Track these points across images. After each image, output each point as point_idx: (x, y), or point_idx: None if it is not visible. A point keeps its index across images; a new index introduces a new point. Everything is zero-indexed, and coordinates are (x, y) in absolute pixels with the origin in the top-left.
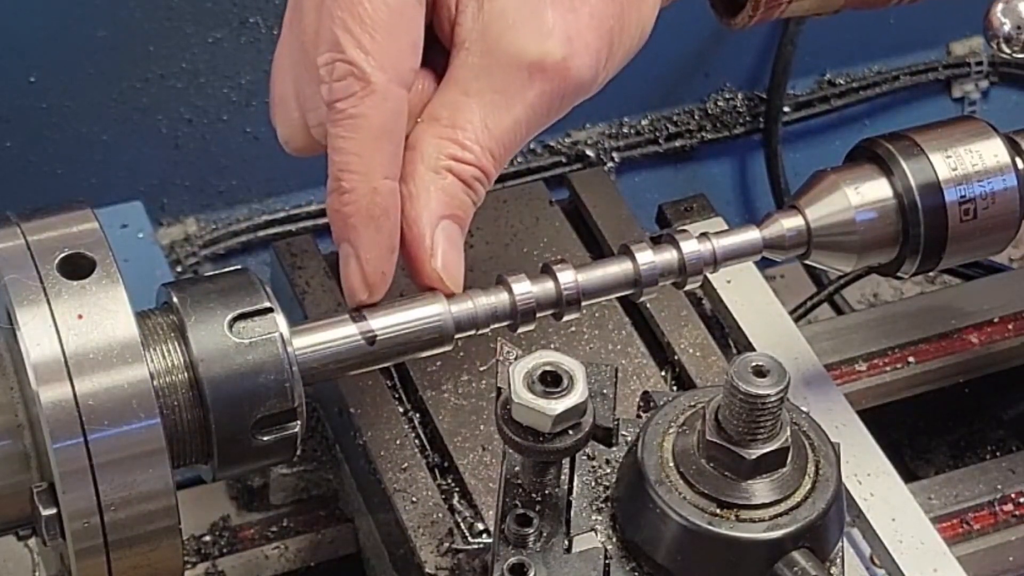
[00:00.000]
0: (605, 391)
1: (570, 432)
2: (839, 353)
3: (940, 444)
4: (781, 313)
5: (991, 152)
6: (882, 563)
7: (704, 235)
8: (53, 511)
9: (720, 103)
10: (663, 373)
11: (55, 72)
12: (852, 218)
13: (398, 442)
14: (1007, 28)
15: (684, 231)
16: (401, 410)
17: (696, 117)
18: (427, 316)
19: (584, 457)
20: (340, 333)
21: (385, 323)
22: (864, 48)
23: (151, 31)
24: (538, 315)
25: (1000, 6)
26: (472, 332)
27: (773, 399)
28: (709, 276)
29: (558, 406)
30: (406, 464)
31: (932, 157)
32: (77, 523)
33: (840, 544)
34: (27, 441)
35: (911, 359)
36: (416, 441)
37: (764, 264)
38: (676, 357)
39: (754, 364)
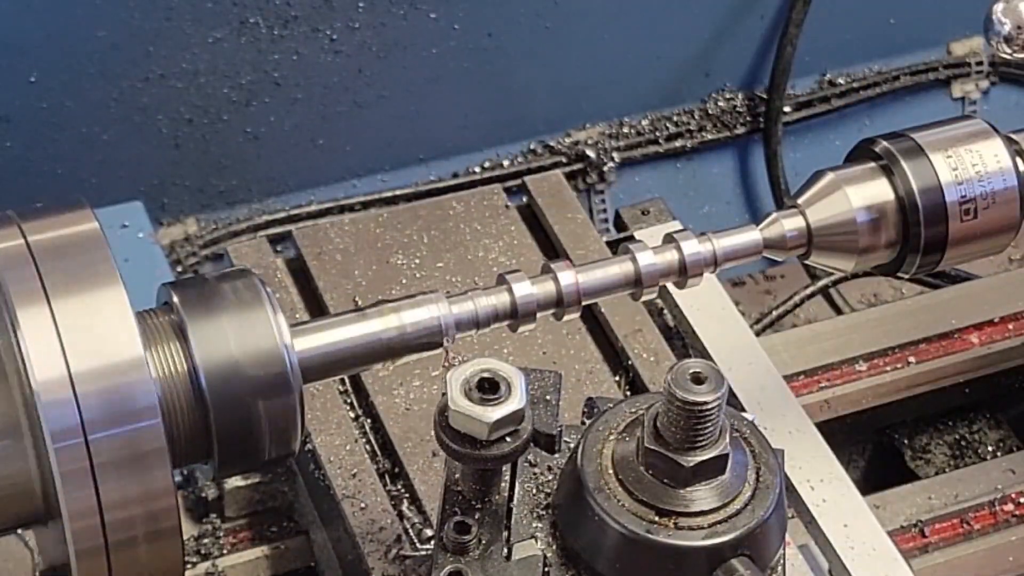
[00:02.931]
0: (548, 397)
1: (508, 439)
2: (839, 353)
3: (940, 444)
4: (740, 323)
5: (991, 152)
6: (834, 569)
7: (704, 235)
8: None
9: (720, 103)
10: (616, 378)
11: (55, 72)
12: (853, 218)
13: (348, 448)
14: (1007, 28)
15: (684, 230)
16: (352, 415)
17: (696, 117)
18: (428, 316)
19: (526, 464)
20: (340, 333)
21: (386, 323)
22: (864, 48)
23: (151, 31)
24: (538, 315)
25: (1000, 6)
26: (473, 331)
27: (711, 406)
28: (668, 285)
29: (495, 413)
30: (355, 470)
31: (932, 157)
32: (77, 523)
33: (781, 552)
34: (27, 441)
35: (911, 359)
36: (367, 447)
37: (764, 264)
38: (630, 363)
39: (692, 371)
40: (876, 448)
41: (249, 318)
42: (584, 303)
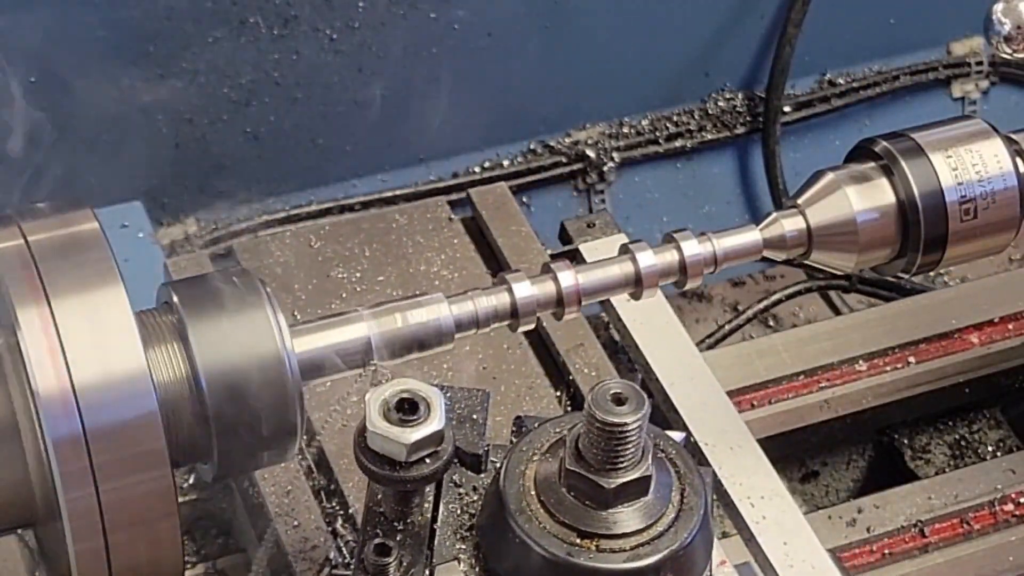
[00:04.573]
0: (475, 416)
1: (427, 460)
2: (839, 353)
3: (940, 444)
4: (683, 338)
5: (991, 152)
6: None
7: (704, 235)
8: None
9: (720, 103)
10: (558, 394)
11: (55, 72)
12: (852, 218)
13: (283, 465)
14: (1007, 28)
15: (684, 230)
16: None
17: (696, 117)
18: (428, 316)
19: (451, 484)
20: (340, 333)
21: (386, 323)
22: (864, 48)
23: (151, 31)
24: (538, 315)
25: (1000, 6)
26: (473, 331)
27: (632, 427)
28: (612, 301)
29: (413, 435)
30: (289, 487)
31: (932, 157)
32: (77, 523)
33: (708, 573)
34: (27, 441)
35: (911, 359)
36: (302, 463)
37: (764, 264)
38: (571, 378)
39: (613, 392)
40: (876, 448)
41: (249, 318)
42: (584, 303)
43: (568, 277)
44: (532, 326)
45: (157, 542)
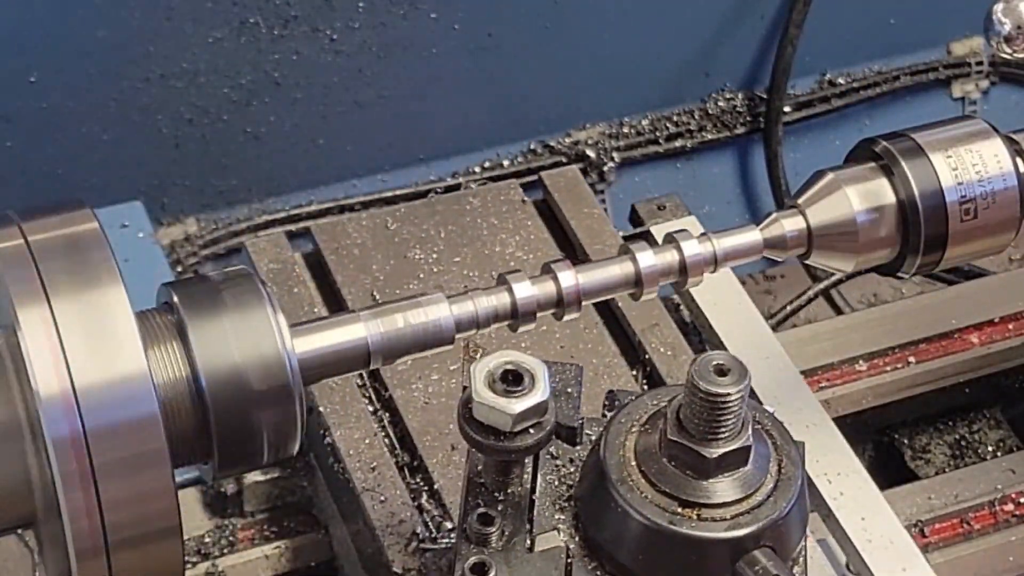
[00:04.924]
0: (570, 390)
1: (531, 431)
2: (839, 353)
3: (940, 444)
4: (756, 317)
5: (991, 152)
6: (851, 562)
7: (705, 235)
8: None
9: (720, 103)
10: (634, 372)
11: (55, 72)
12: (853, 218)
13: (367, 441)
14: (1007, 28)
15: (684, 231)
16: (371, 409)
17: (696, 117)
18: (428, 316)
19: (548, 456)
20: (340, 333)
21: (386, 323)
22: (864, 48)
23: (151, 31)
24: (539, 315)
25: (1000, 6)
26: (473, 331)
27: (734, 398)
28: None
29: (518, 405)
30: (375, 463)
31: (932, 157)
32: (77, 523)
33: (803, 543)
34: (27, 441)
35: (911, 359)
36: (385, 440)
37: (764, 264)
38: (647, 356)
39: (715, 363)
40: (876, 448)
41: (249, 318)
42: (584, 303)
43: (568, 277)
44: (532, 326)
45: (157, 542)
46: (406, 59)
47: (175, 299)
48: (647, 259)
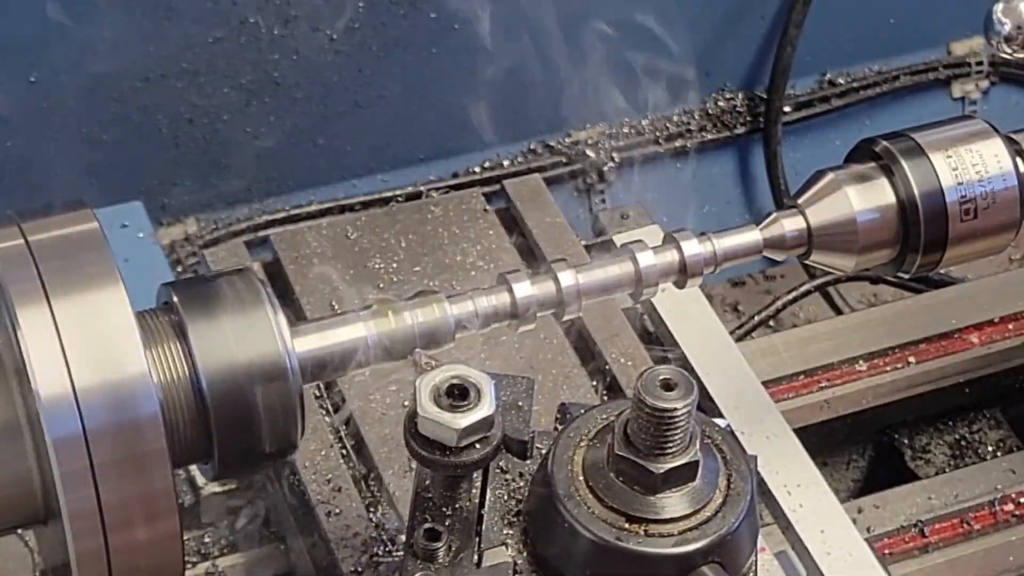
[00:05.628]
0: (520, 403)
1: (477, 446)
2: (839, 353)
3: (940, 444)
4: (718, 327)
5: (991, 152)
6: (810, 575)
7: (704, 235)
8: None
9: (720, 103)
10: (594, 383)
11: (55, 72)
12: (853, 218)
13: (323, 453)
14: (1007, 28)
15: (684, 231)
16: (328, 420)
17: (696, 117)
18: (428, 315)
19: (498, 470)
20: (340, 333)
21: (386, 323)
22: (864, 48)
23: (151, 31)
24: (539, 314)
25: (1000, 6)
26: (473, 331)
27: (681, 412)
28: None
29: (464, 420)
30: (330, 475)
31: (933, 157)
32: (77, 523)
33: (754, 558)
34: (27, 441)
35: (911, 359)
36: (342, 452)
37: (764, 264)
38: (607, 367)
39: (662, 377)
40: (876, 448)
41: (249, 318)
42: (585, 303)
43: (568, 277)
44: (532, 326)
45: (157, 542)
46: (406, 59)
47: (175, 299)
48: (647, 259)
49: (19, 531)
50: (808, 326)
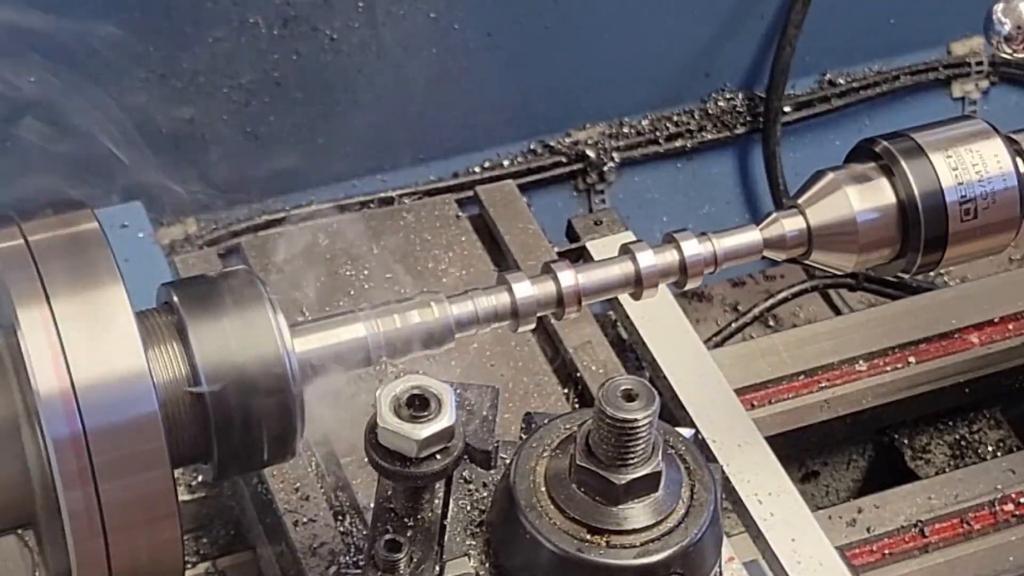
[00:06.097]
0: (485, 413)
1: (438, 456)
2: (839, 353)
3: (940, 444)
4: (691, 336)
5: (991, 152)
6: None
7: (704, 235)
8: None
9: (720, 103)
10: (565, 391)
11: (56, 72)
12: (853, 218)
13: (291, 461)
14: (1007, 28)
15: (684, 231)
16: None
17: (696, 117)
18: (428, 315)
19: (461, 480)
20: (340, 333)
21: (386, 323)
22: (864, 48)
23: (151, 31)
24: (538, 315)
25: (1000, 6)
26: (473, 331)
27: (642, 423)
28: (620, 299)
29: (424, 431)
30: (298, 484)
31: (933, 157)
32: (77, 523)
33: (717, 569)
34: (27, 441)
35: (911, 359)
36: (311, 460)
37: (764, 264)
38: (579, 375)
39: (623, 388)
40: (876, 448)
41: (249, 318)
42: (585, 303)
43: (568, 277)
44: (532, 326)
45: (157, 542)
46: (406, 59)
47: (175, 299)
48: (647, 259)
49: (19, 531)
50: (808, 326)
